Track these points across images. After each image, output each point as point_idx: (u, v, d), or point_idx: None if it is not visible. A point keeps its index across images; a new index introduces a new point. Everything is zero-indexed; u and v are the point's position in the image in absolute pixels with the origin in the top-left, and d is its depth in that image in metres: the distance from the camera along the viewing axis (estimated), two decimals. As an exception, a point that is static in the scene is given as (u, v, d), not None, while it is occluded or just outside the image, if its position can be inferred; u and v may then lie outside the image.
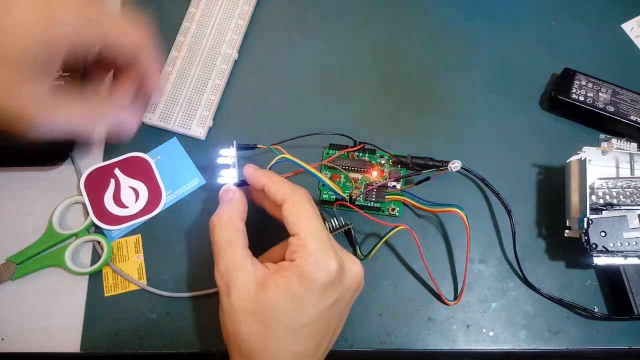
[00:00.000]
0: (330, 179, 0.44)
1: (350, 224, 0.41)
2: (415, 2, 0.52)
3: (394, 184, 0.45)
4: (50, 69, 0.33)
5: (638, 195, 0.42)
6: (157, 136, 0.46)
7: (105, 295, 0.42)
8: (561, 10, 0.52)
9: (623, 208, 0.41)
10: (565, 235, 0.43)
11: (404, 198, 0.44)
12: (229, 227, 0.35)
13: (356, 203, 0.43)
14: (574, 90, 0.47)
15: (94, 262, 0.43)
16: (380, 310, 0.43)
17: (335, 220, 0.41)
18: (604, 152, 0.43)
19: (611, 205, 0.42)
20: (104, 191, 0.44)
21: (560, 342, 0.42)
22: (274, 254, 0.38)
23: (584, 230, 0.41)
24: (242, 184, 0.39)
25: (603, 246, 0.41)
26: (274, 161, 0.39)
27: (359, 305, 0.42)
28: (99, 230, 0.44)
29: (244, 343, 0.33)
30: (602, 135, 0.46)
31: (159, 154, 0.46)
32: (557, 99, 0.47)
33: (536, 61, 0.50)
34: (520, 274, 0.43)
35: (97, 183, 0.44)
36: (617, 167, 0.44)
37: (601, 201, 0.42)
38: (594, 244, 0.41)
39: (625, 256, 0.41)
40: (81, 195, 0.44)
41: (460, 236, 0.44)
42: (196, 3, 0.50)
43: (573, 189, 0.43)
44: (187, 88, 0.47)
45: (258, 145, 0.42)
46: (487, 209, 0.46)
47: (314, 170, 0.39)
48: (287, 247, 0.34)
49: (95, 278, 0.43)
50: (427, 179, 0.42)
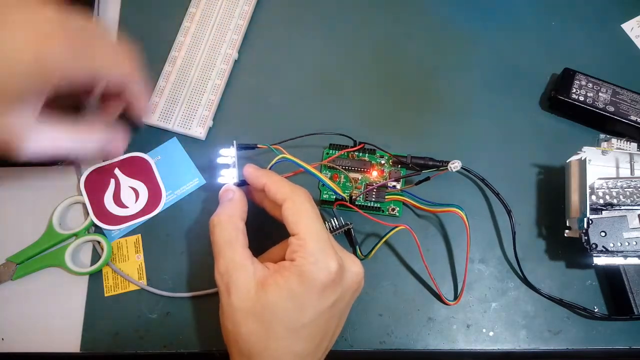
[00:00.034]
0: (330, 179, 0.44)
1: (350, 224, 0.41)
2: (415, 2, 0.52)
3: (394, 184, 0.45)
4: (38, 99, 0.34)
5: (638, 195, 0.42)
6: (157, 136, 0.46)
7: (105, 295, 0.42)
8: (561, 10, 0.52)
9: (623, 208, 0.41)
10: (565, 235, 0.43)
11: (404, 198, 0.44)
12: (229, 227, 0.35)
13: (356, 203, 0.43)
14: (574, 90, 0.47)
15: (94, 262, 0.43)
16: (380, 310, 0.43)
17: (335, 220, 0.41)
18: (604, 152, 0.43)
19: (611, 205, 0.42)
20: (104, 191, 0.44)
21: (560, 342, 0.43)
22: (274, 253, 0.38)
23: (584, 230, 0.41)
24: (242, 184, 0.39)
25: (603, 246, 0.41)
26: (274, 161, 0.39)
27: (359, 305, 0.42)
28: (99, 230, 0.44)
29: (244, 343, 0.33)
30: (602, 135, 0.46)
31: (159, 154, 0.46)
32: (557, 99, 0.47)
33: (536, 61, 0.50)
34: (520, 274, 0.43)
35: (97, 183, 0.44)
36: (617, 167, 0.44)
37: (601, 201, 0.42)
38: (594, 244, 0.41)
39: (625, 256, 0.41)
40: (81, 195, 0.44)
41: (460, 236, 0.44)
42: (196, 3, 0.50)
43: (573, 189, 0.43)
44: (187, 88, 0.47)
45: (258, 145, 0.42)
46: (487, 209, 0.46)
47: (314, 170, 0.39)
48: (287, 247, 0.34)
49: (95, 278, 0.43)
50: (427, 179, 0.42)
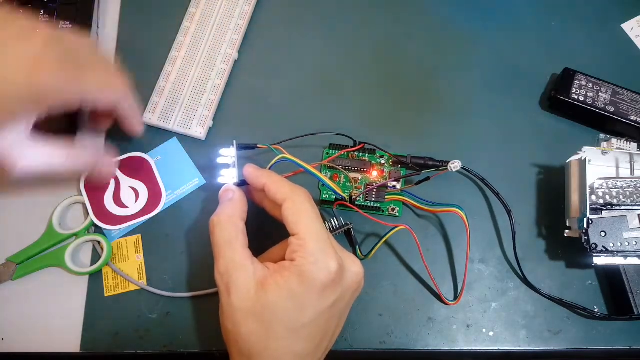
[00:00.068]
0: (330, 179, 0.44)
1: (350, 224, 0.41)
2: (415, 2, 0.52)
3: (394, 184, 0.45)
4: (29, 122, 0.34)
5: (638, 195, 0.42)
6: (157, 136, 0.46)
7: (105, 295, 0.42)
8: (561, 10, 0.52)
9: (623, 208, 0.41)
10: (565, 235, 0.43)
11: (404, 198, 0.44)
12: (229, 227, 0.35)
13: (356, 203, 0.43)
14: (574, 90, 0.47)
15: (94, 262, 0.43)
16: (380, 310, 0.43)
17: (335, 220, 0.41)
18: (604, 152, 0.43)
19: (611, 205, 0.42)
20: (104, 191, 0.44)
21: (560, 342, 0.42)
22: (274, 253, 0.38)
23: (584, 230, 0.41)
24: (242, 183, 0.39)
25: (603, 246, 0.41)
26: (274, 161, 0.39)
27: (359, 305, 0.42)
28: (99, 230, 0.44)
29: (244, 343, 0.33)
30: (602, 135, 0.46)
31: (159, 154, 0.46)
32: (557, 99, 0.47)
33: (536, 61, 0.50)
34: (520, 274, 0.43)
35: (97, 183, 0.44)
36: (617, 167, 0.44)
37: (601, 201, 0.42)
38: (594, 244, 0.41)
39: (625, 256, 0.41)
40: (81, 195, 0.44)
41: (460, 236, 0.44)
42: (196, 3, 0.50)
43: (573, 189, 0.43)
44: (187, 88, 0.47)
45: (258, 145, 0.42)
46: (487, 209, 0.46)
47: (314, 170, 0.39)
48: (287, 247, 0.34)
49: (95, 278, 0.43)
50: (427, 179, 0.42)
